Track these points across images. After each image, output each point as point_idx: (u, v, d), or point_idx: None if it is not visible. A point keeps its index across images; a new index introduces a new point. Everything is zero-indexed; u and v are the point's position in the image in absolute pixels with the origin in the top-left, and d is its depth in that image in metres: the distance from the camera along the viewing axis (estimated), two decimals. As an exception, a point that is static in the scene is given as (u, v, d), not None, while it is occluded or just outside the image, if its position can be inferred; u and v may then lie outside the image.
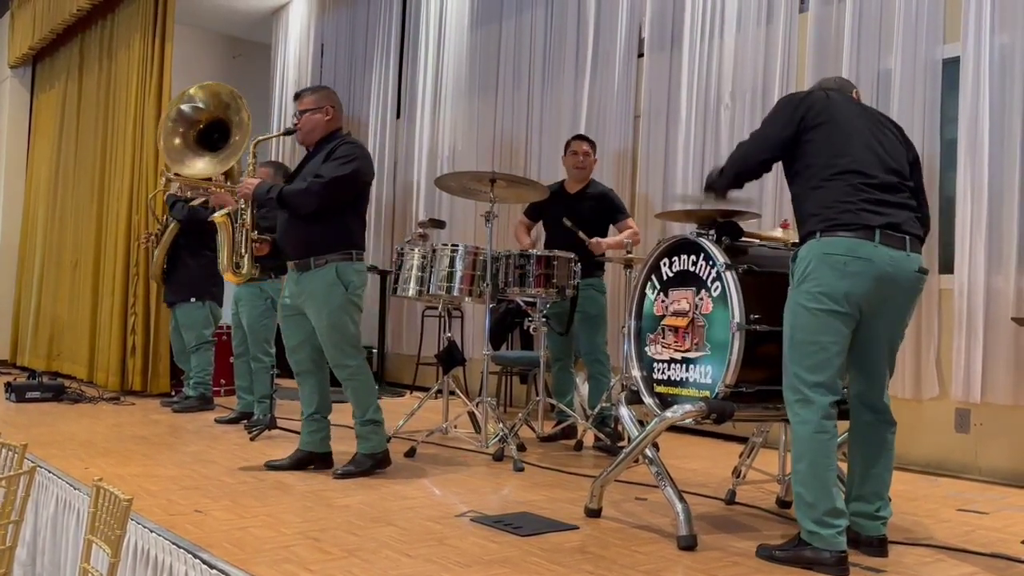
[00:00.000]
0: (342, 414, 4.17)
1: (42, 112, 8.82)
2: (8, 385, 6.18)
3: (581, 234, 4.60)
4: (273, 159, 7.73)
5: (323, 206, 3.71)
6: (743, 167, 2.89)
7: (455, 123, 7.28)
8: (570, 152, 4.97)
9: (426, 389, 5.63)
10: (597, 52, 6.10)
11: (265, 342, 5.28)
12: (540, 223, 5.15)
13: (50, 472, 3.70)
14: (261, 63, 9.54)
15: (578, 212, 4.79)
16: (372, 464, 3.81)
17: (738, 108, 5.20)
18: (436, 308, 6.32)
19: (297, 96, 3.99)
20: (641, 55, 5.87)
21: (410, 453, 4.31)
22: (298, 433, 4.56)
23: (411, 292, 4.65)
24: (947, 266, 4.38)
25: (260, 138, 4.15)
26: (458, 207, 6.84)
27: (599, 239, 4.66)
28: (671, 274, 3.10)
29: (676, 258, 3.09)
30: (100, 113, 7.42)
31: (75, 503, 3.41)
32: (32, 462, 3.12)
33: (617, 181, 5.73)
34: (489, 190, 4.41)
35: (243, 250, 3.95)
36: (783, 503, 3.39)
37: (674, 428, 3.81)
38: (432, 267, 4.57)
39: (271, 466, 3.92)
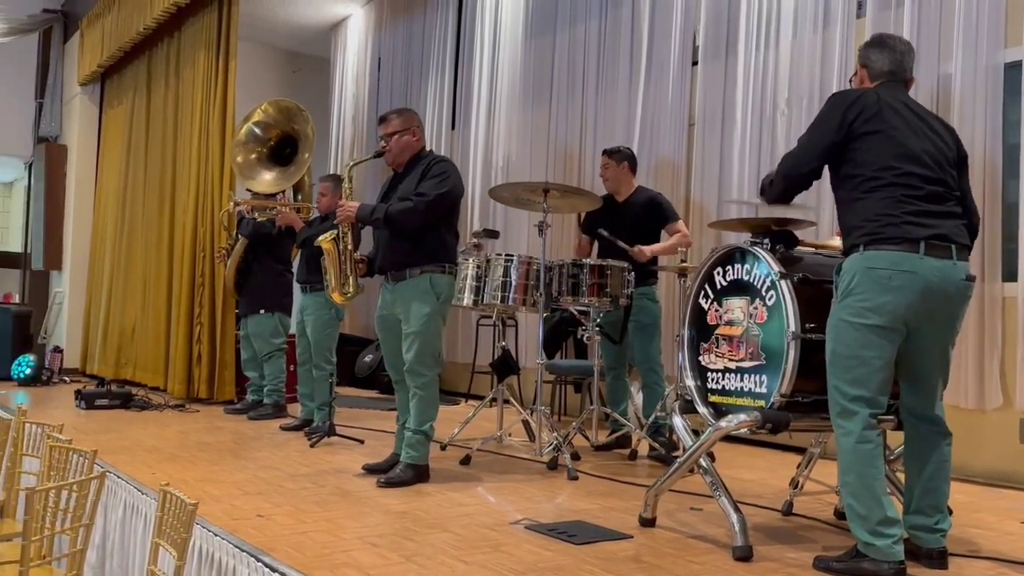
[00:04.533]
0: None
1: (110, 128, 9.12)
2: (78, 393, 6.41)
3: (621, 243, 4.62)
4: (332, 173, 7.89)
5: (427, 222, 3.87)
6: (791, 182, 2.84)
7: (509, 133, 7.34)
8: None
9: (481, 397, 5.68)
10: (651, 61, 6.10)
11: (327, 351, 5.40)
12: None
13: (118, 477, 3.83)
14: (320, 77, 9.73)
15: (626, 220, 4.81)
16: (414, 475, 3.86)
17: (794, 114, 5.15)
18: (490, 317, 6.37)
19: (382, 120, 4.11)
20: (695, 63, 5.85)
21: (465, 461, 4.36)
22: (357, 441, 4.65)
23: (466, 301, 4.70)
24: (1011, 274, 4.27)
25: (352, 163, 4.27)
26: (512, 217, 6.89)
27: (642, 247, 4.66)
28: (725, 283, 3.10)
29: (730, 267, 3.08)
30: (167, 128, 7.65)
31: (142, 507, 3.53)
32: (101, 467, 3.24)
33: (671, 189, 5.72)
34: (542, 200, 4.44)
35: (348, 271, 4.05)
36: (841, 514, 3.34)
37: (729, 438, 3.80)
38: (486, 277, 4.62)
39: (368, 468, 4.01)
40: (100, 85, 9.34)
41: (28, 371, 7.77)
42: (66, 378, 8.25)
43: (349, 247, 4.07)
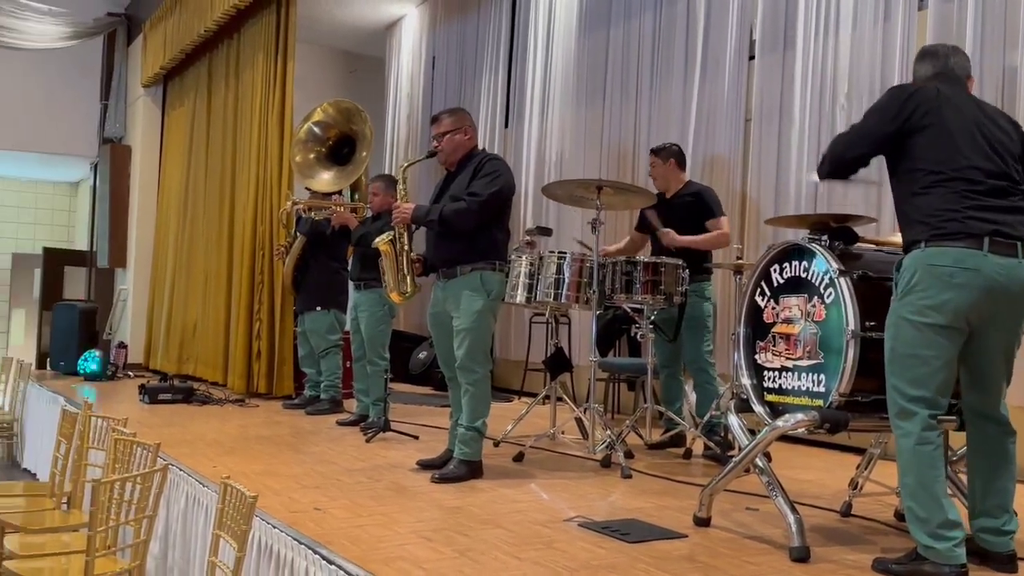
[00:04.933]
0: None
1: (172, 129, 9.34)
2: (142, 387, 6.59)
3: (655, 221, 4.60)
4: (385, 172, 7.97)
5: (481, 222, 3.91)
6: (836, 166, 2.81)
7: (562, 131, 7.33)
8: None
9: (533, 395, 5.69)
10: (707, 56, 6.04)
11: (381, 347, 5.48)
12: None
13: (180, 470, 3.93)
14: (375, 77, 9.83)
15: (673, 213, 4.78)
16: (468, 471, 3.88)
17: (854, 109, 5.04)
18: (543, 315, 6.37)
19: (435, 119, 4.15)
20: (752, 57, 5.77)
21: (518, 458, 4.37)
22: (411, 436, 4.68)
23: (519, 299, 4.71)
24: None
25: (406, 163, 4.33)
26: (565, 214, 6.89)
27: (673, 233, 4.63)
28: (782, 280, 3.05)
29: (787, 264, 3.04)
30: (227, 129, 7.81)
31: (203, 499, 3.62)
32: (164, 460, 3.32)
33: (726, 186, 5.66)
34: (596, 197, 4.43)
35: (406, 271, 4.10)
36: (901, 516, 3.26)
37: (786, 438, 3.75)
38: (539, 274, 4.62)
39: (422, 464, 4.05)
40: (163, 87, 9.56)
41: (94, 366, 8.00)
42: (130, 373, 8.48)
43: (406, 248, 4.11)
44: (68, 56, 9.36)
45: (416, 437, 4.94)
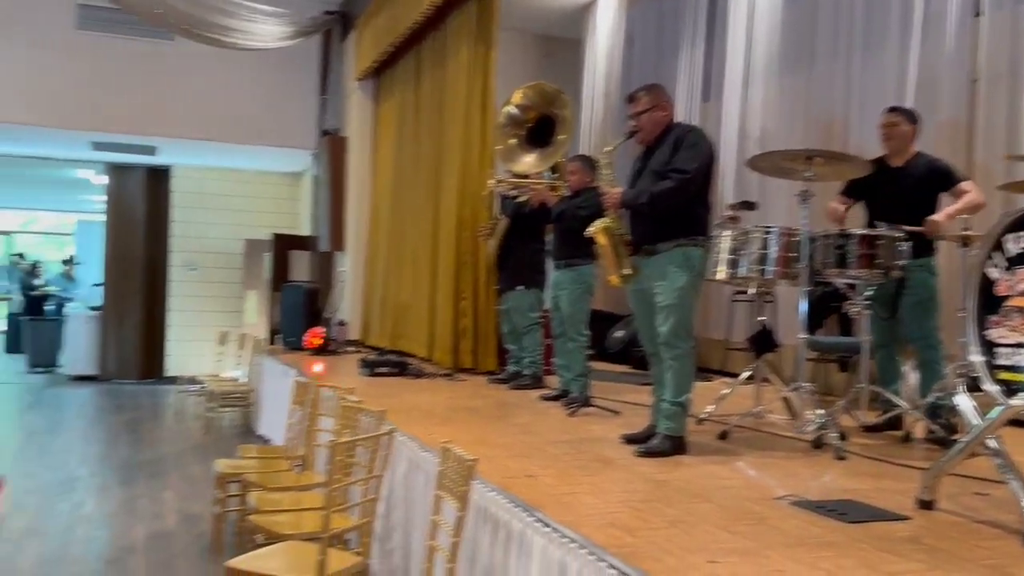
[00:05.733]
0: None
1: (384, 119, 9.87)
2: (363, 361, 7.07)
3: (906, 229, 4.25)
4: (582, 152, 8.03)
5: (690, 197, 3.92)
6: None
7: (766, 102, 7.09)
8: (878, 125, 4.71)
9: (734, 375, 5.58)
10: (927, 14, 5.63)
11: (581, 323, 5.57)
12: (854, 202, 4.89)
13: (401, 436, 4.20)
14: (570, 59, 9.90)
15: (902, 186, 4.49)
16: (672, 447, 3.88)
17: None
18: (745, 292, 6.22)
19: (631, 99, 4.17)
20: (978, 14, 5.33)
21: (723, 436, 4.32)
22: (613, 412, 4.74)
23: (721, 275, 4.63)
24: None
25: (608, 148, 4.37)
26: (769, 188, 6.67)
27: (934, 218, 4.32)
28: (1017, 251, 2.83)
29: (1023, 233, 2.81)
30: (433, 118, 8.17)
31: (423, 464, 3.85)
32: (387, 427, 3.56)
33: (951, 152, 5.26)
34: (806, 168, 4.27)
35: (622, 254, 4.12)
36: None
37: (1017, 421, 3.48)
38: (743, 250, 4.52)
39: (626, 438, 4.10)
40: (375, 80, 10.11)
41: (318, 342, 8.66)
42: (349, 348, 9.10)
43: (619, 231, 4.14)
44: (288, 54, 10.08)
45: (617, 412, 4.99)
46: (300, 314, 9.14)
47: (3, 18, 9.17)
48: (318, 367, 7.07)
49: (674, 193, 3.89)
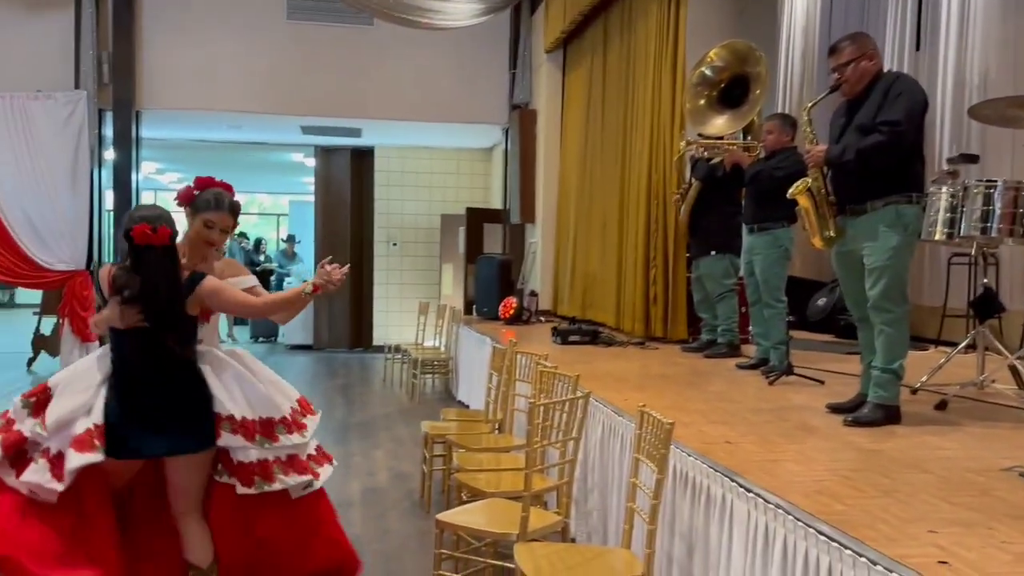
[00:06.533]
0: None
1: (572, 89, 9.90)
2: (555, 330, 7.18)
3: None
4: (779, 111, 7.69)
5: (903, 152, 3.67)
6: None
7: (986, 46, 6.47)
8: None
9: (952, 344, 5.19)
10: None
11: (777, 289, 5.38)
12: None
13: (596, 401, 4.24)
14: (765, 15, 9.48)
15: None
16: (884, 416, 3.66)
17: None
18: (966, 254, 5.76)
19: (833, 50, 3.94)
20: None
21: (940, 406, 4.04)
22: (816, 381, 4.57)
23: (938, 235, 4.31)
24: None
25: (810, 104, 4.18)
26: (990, 139, 6.11)
27: None
28: None
29: None
30: (621, 84, 8.10)
31: (619, 428, 3.87)
32: (582, 392, 3.60)
33: None
34: (1037, 115, 3.88)
35: (827, 215, 3.94)
36: None
37: None
38: (963, 207, 4.18)
39: (832, 407, 3.95)
40: (563, 51, 10.15)
41: (512, 311, 8.87)
42: (541, 318, 9.26)
43: (823, 190, 3.94)
44: (480, 32, 10.30)
45: (821, 382, 4.78)
46: (494, 285, 9.40)
47: (221, 14, 9.98)
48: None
49: (885, 148, 3.64)
